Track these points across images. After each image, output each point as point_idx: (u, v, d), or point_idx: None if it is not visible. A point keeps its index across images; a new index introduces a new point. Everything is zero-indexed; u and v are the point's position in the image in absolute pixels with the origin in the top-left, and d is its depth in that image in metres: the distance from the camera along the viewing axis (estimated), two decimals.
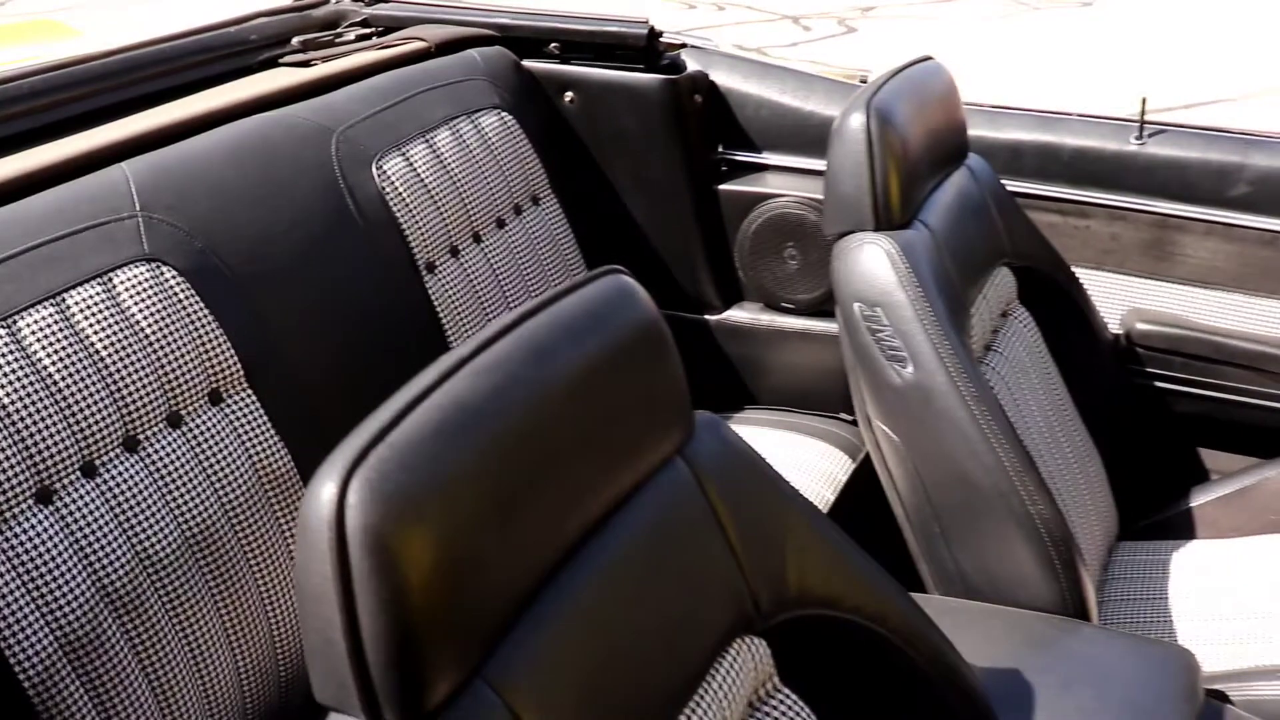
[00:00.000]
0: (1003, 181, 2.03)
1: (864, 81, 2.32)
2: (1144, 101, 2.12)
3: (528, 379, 0.87)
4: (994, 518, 1.55)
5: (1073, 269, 2.14)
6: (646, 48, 2.25)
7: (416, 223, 1.84)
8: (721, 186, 2.28)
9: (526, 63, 2.27)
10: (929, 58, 1.86)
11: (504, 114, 2.11)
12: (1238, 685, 1.63)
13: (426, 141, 1.93)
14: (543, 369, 0.88)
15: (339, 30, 2.32)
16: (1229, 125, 2.18)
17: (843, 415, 2.24)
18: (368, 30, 2.33)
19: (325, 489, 0.74)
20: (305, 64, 2.09)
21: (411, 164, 1.88)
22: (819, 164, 2.12)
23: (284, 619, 1.54)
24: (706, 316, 2.34)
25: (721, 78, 2.31)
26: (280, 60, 2.15)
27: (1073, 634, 1.53)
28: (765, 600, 1.10)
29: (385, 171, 1.84)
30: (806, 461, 2.11)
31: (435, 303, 1.85)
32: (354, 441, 0.76)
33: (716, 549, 1.06)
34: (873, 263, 1.59)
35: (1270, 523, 2.04)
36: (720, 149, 2.32)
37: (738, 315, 2.33)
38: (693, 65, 2.30)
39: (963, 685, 1.27)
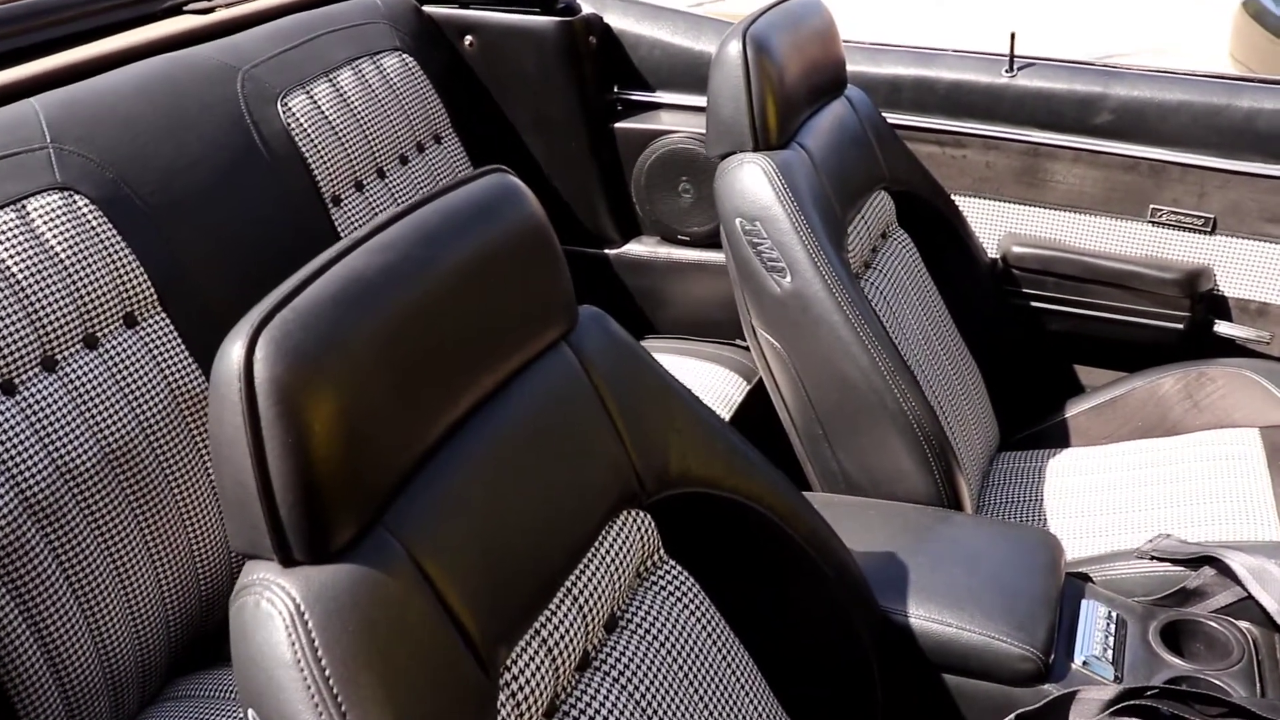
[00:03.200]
0: (883, 114, 2.14)
1: None
2: (1013, 36, 2.24)
3: (419, 258, 0.95)
4: (871, 416, 1.67)
5: (951, 196, 2.26)
6: None
7: (322, 157, 1.91)
8: (617, 125, 2.37)
9: (427, 8, 2.34)
10: None
11: (405, 56, 2.18)
12: (1098, 567, 1.76)
13: (330, 81, 1.99)
14: (433, 251, 0.97)
15: None
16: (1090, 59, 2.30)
17: (738, 342, 2.35)
18: None
19: (234, 347, 0.82)
20: (209, 9, 2.14)
21: (315, 101, 1.94)
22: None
23: (203, 534, 1.61)
24: (606, 251, 2.43)
25: (615, 20, 2.39)
26: (184, 8, 2.20)
27: (945, 521, 1.64)
28: (649, 477, 1.19)
29: (290, 108, 1.90)
30: (703, 384, 2.22)
31: (341, 234, 1.92)
32: (260, 307, 0.85)
33: (601, 427, 1.15)
34: (751, 180, 1.69)
35: (1136, 429, 2.18)
36: (615, 89, 2.40)
37: (636, 249, 2.43)
38: (587, 8, 2.38)
39: (839, 562, 1.37)
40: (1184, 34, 6.66)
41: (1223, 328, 2.29)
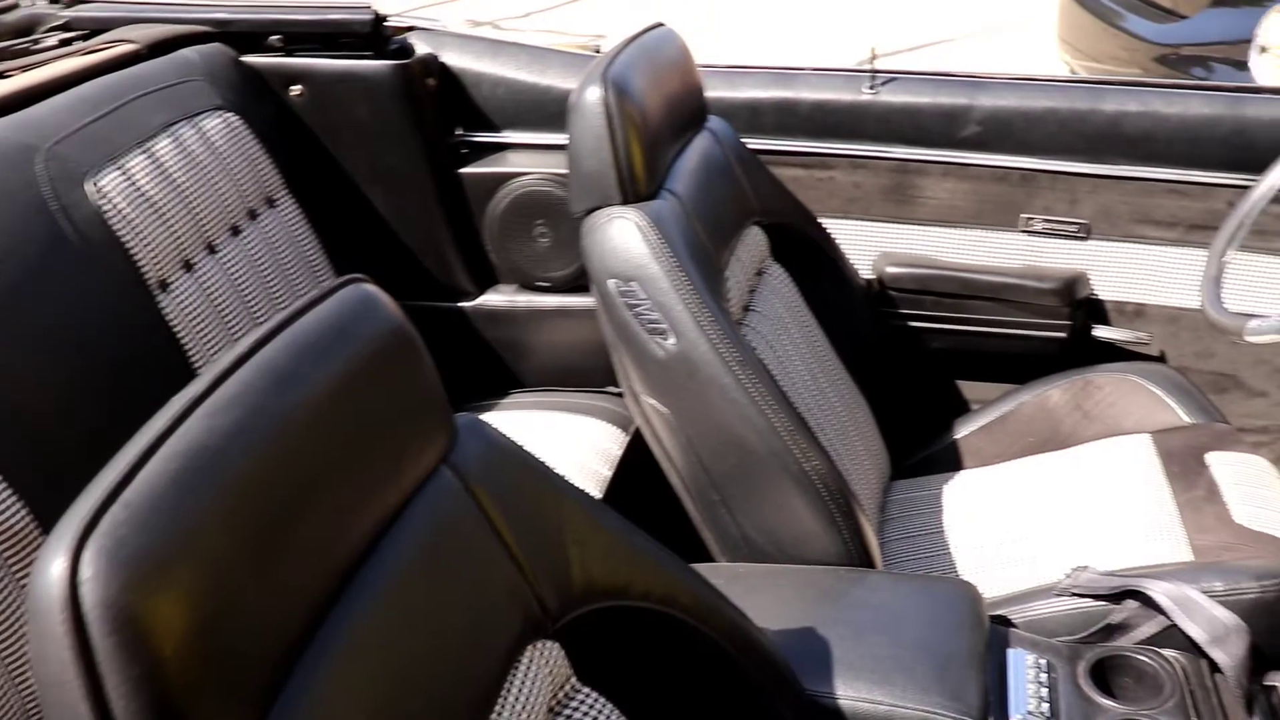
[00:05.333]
0: (744, 140, 2.04)
1: (598, 51, 2.30)
2: (874, 52, 2.17)
3: (270, 410, 0.80)
4: (771, 479, 1.56)
5: (821, 220, 2.18)
6: (372, 34, 2.17)
7: (141, 239, 1.72)
8: (464, 170, 2.22)
9: (247, 58, 2.16)
10: (660, 24, 1.84)
11: (228, 114, 2.00)
12: (1018, 608, 1.69)
13: (145, 151, 1.81)
14: (285, 396, 0.82)
15: (36, 37, 2.15)
16: (954, 69, 2.24)
17: (610, 389, 2.22)
18: (69, 35, 2.17)
19: (54, 565, 0.67)
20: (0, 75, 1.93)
21: (130, 177, 1.75)
22: (561, 138, 2.09)
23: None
24: (461, 304, 2.28)
25: (453, 58, 2.24)
26: None
27: (859, 583, 1.55)
28: (552, 601, 1.06)
29: (101, 187, 1.71)
30: (579, 439, 2.09)
31: (173, 324, 1.73)
32: (82, 506, 0.69)
33: (495, 556, 1.02)
34: (624, 237, 1.56)
35: (1029, 444, 2.13)
36: (459, 131, 2.26)
37: (493, 299, 2.29)
38: (422, 48, 2.23)
39: (760, 653, 1.27)
40: (1013, 17, 6.75)
41: (1103, 332, 2.26)
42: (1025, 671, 1.51)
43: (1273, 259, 2.13)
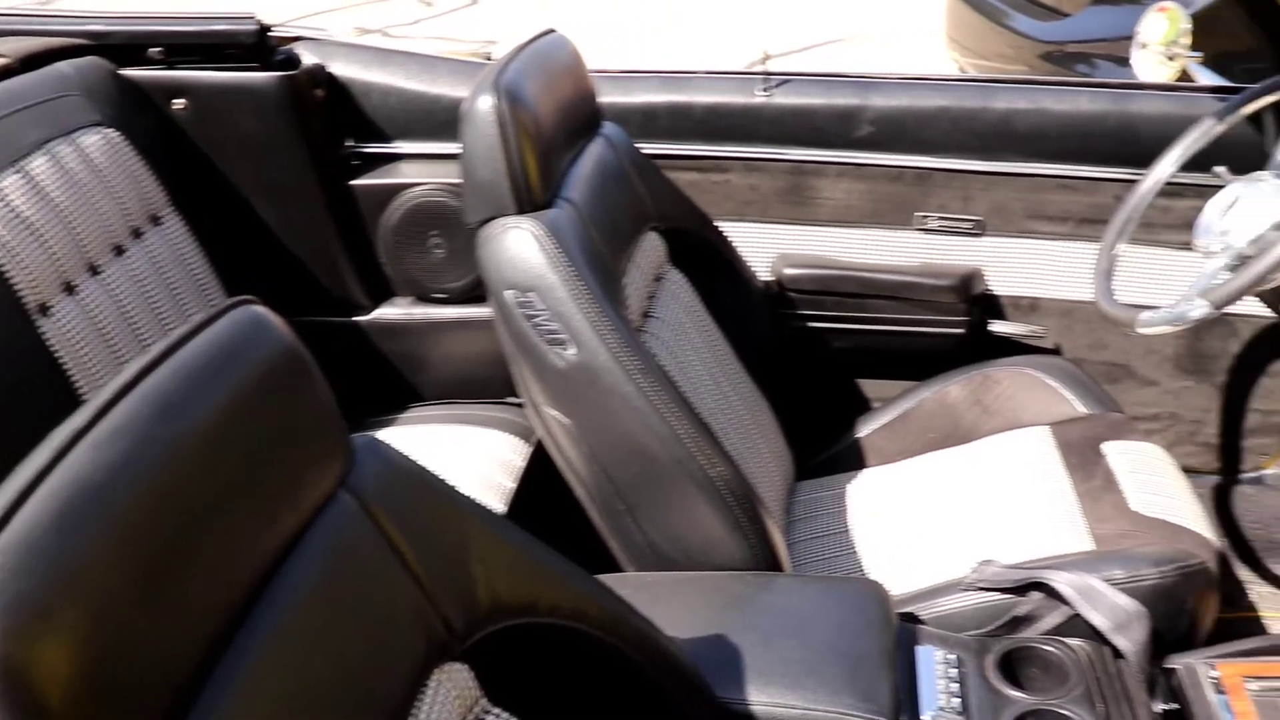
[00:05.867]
0: (639, 145, 2.03)
1: (489, 59, 2.27)
2: (766, 54, 2.17)
3: (158, 439, 0.77)
4: (675, 487, 1.55)
5: (718, 223, 2.18)
6: (257, 44, 2.12)
7: (18, 262, 1.66)
8: (355, 182, 2.18)
9: (126, 71, 2.09)
10: (552, 30, 1.82)
11: (107, 130, 1.93)
12: (925, 605, 1.70)
13: (19, 171, 1.74)
14: (174, 425, 0.79)
15: None
16: (846, 70, 2.25)
17: (511, 399, 2.20)
18: None
19: None
20: None
21: (4, 198, 1.69)
22: (454, 148, 2.06)
23: None
24: (356, 318, 2.24)
25: (341, 68, 2.20)
26: None
27: (767, 588, 1.55)
28: (458, 622, 1.04)
29: None
30: (481, 452, 2.06)
31: (54, 349, 1.67)
32: None
33: (396, 579, 0.99)
34: (520, 247, 1.54)
35: (930, 440, 2.14)
36: (349, 143, 2.21)
37: (389, 312, 2.25)
38: (309, 58, 2.18)
39: (670, 662, 1.26)
40: (902, 17, 6.84)
41: (999, 327, 2.29)
42: (934, 668, 1.52)
43: (1160, 251, 2.17)
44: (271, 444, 0.88)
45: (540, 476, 1.94)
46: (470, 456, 2.04)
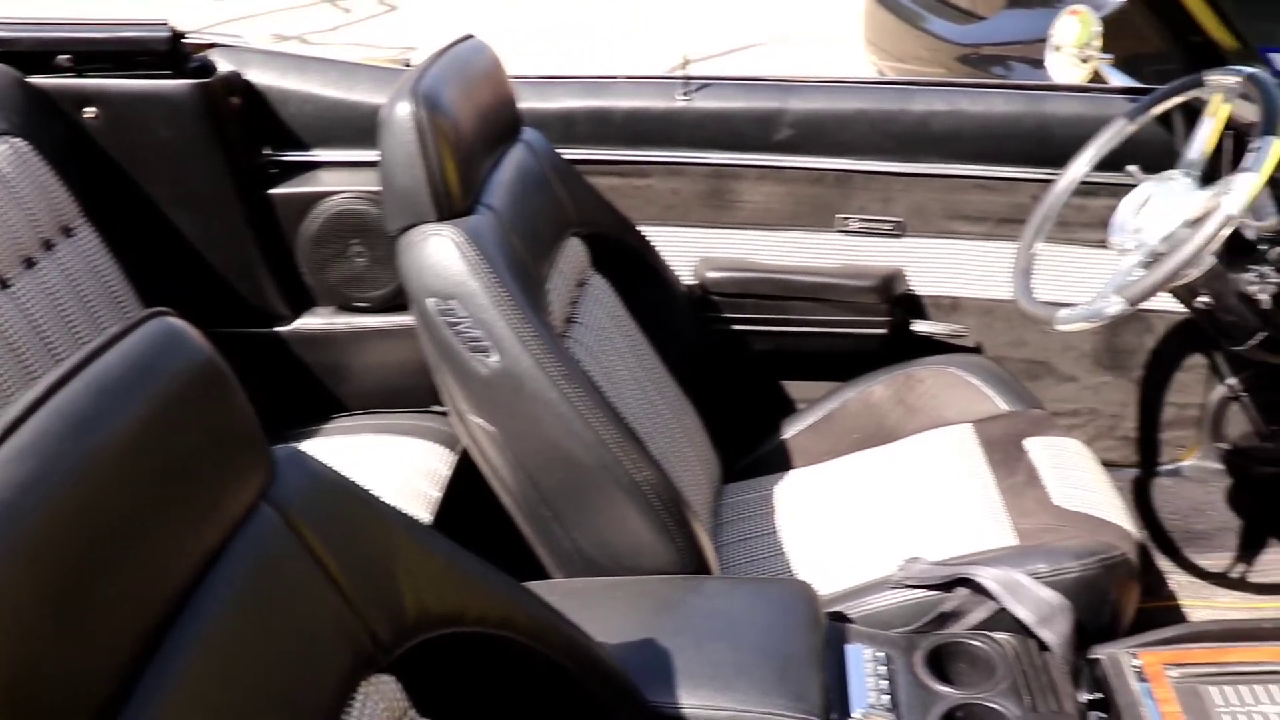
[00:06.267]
0: (559, 151, 2.02)
1: (408, 65, 2.25)
2: (685, 60, 2.18)
3: (70, 457, 0.75)
4: (601, 492, 1.54)
5: (640, 228, 2.18)
6: (170, 52, 2.09)
7: None
8: (273, 190, 2.15)
9: (34, 79, 2.05)
10: (470, 36, 1.81)
11: (14, 139, 1.89)
12: (854, 603, 1.71)
13: None
14: (86, 441, 0.77)
15: None
16: (765, 74, 2.27)
17: (435, 408, 2.18)
18: None
19: None
20: None
21: None
22: (374, 155, 2.04)
23: None
24: (277, 328, 2.21)
25: (258, 76, 2.17)
26: None
27: (696, 591, 1.55)
28: (384, 633, 1.02)
29: None
30: (406, 461, 2.05)
31: None
32: None
33: (321, 591, 0.98)
34: (441, 255, 1.52)
35: (855, 441, 2.16)
36: (267, 151, 2.18)
37: (311, 322, 2.22)
38: (225, 65, 2.15)
39: (600, 668, 1.25)
40: (821, 21, 6.90)
41: (921, 326, 2.32)
42: (864, 665, 1.53)
43: (1077, 249, 2.21)
44: (188, 458, 0.86)
45: (466, 485, 1.93)
46: (395, 466, 2.03)
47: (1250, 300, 1.74)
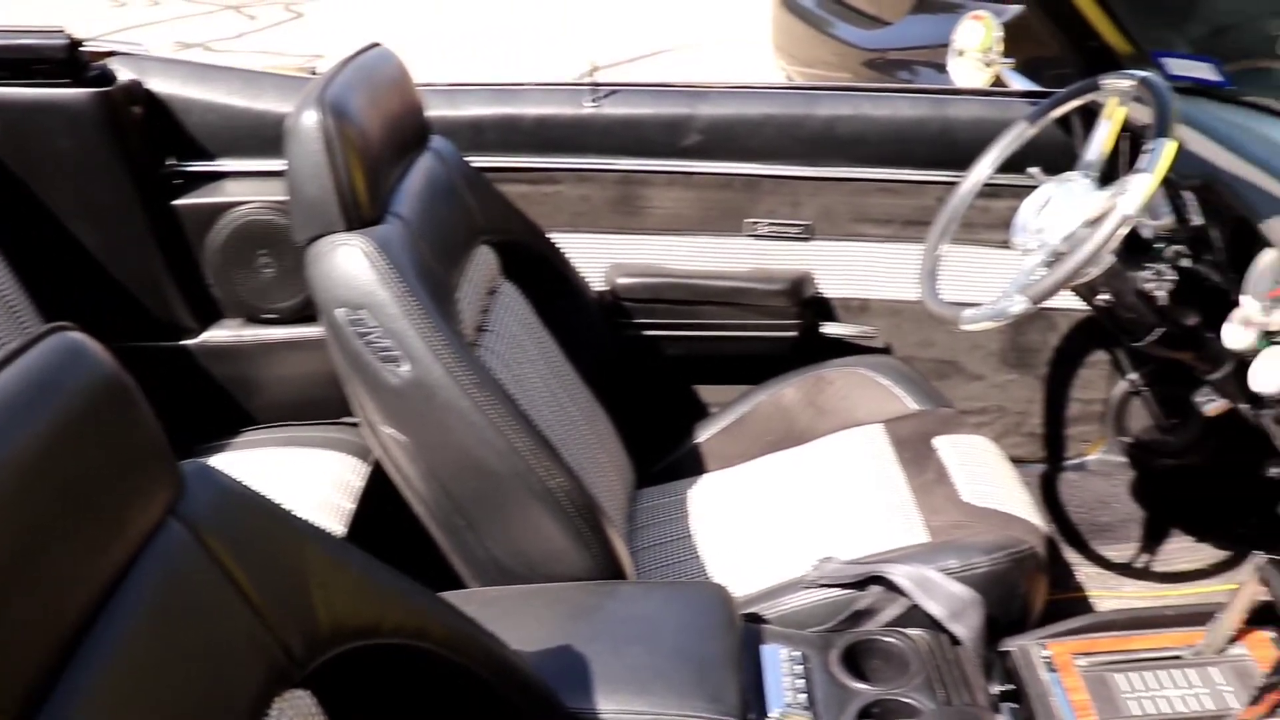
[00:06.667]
0: (468, 159, 2.02)
1: (314, 73, 2.23)
2: (593, 66, 2.18)
3: None
4: (515, 500, 1.54)
5: (550, 235, 2.18)
6: (67, 60, 2.04)
7: None
8: (178, 201, 2.12)
9: None
10: (377, 44, 1.80)
11: None
12: (769, 604, 1.73)
13: None
14: None
15: None
16: (674, 80, 2.28)
17: (347, 419, 2.16)
18: None
19: None
20: None
21: None
22: (281, 165, 2.02)
23: None
24: (184, 342, 2.17)
25: (160, 84, 2.13)
26: None
27: (612, 596, 1.55)
28: (298, 648, 1.01)
29: None
30: (318, 474, 2.03)
31: None
32: None
33: (232, 607, 0.97)
34: (350, 265, 1.51)
35: (768, 443, 2.18)
36: (171, 161, 2.15)
37: (218, 335, 2.18)
38: (126, 74, 2.11)
39: (518, 676, 1.25)
40: (731, 26, 6.95)
41: (831, 329, 2.34)
42: (780, 665, 1.55)
43: (981, 250, 2.25)
44: (92, 475, 0.85)
45: (379, 496, 1.92)
46: (307, 479, 2.00)
47: (1148, 297, 1.78)
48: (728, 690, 1.39)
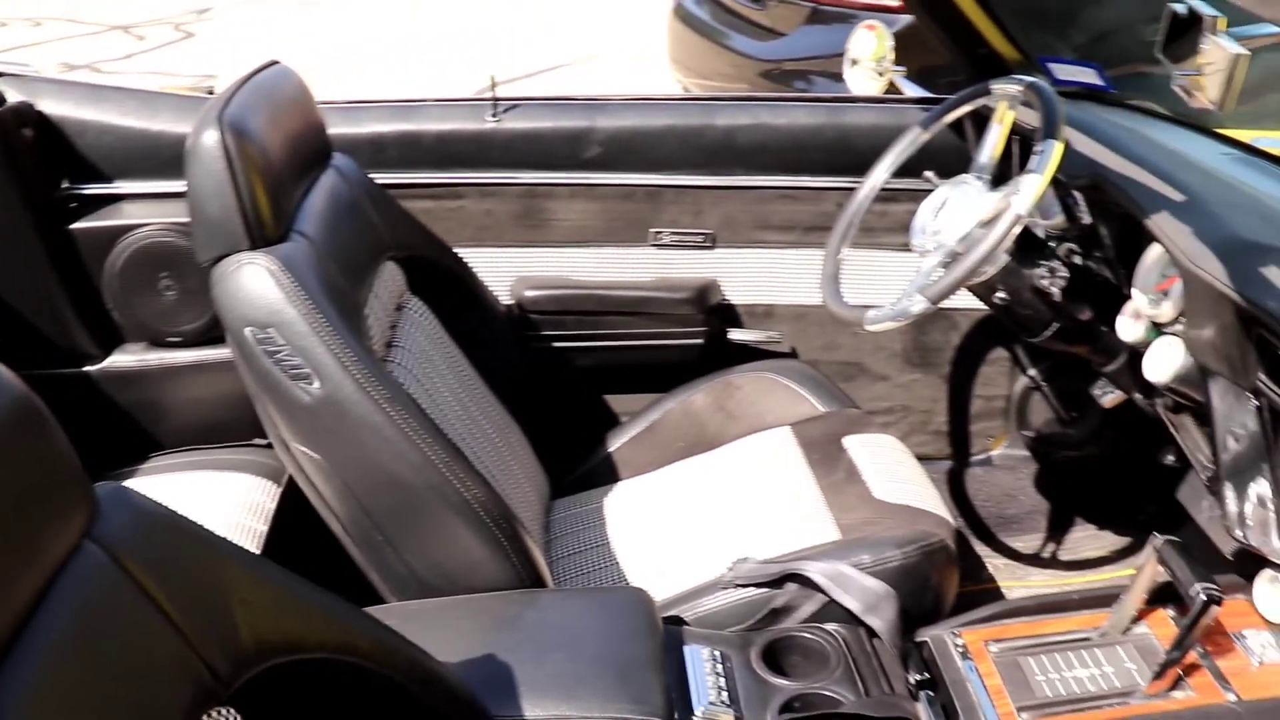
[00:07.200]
0: (371, 175, 2.01)
1: (211, 93, 2.21)
2: (494, 80, 2.19)
3: None
4: (432, 513, 1.54)
5: (456, 250, 2.18)
6: None
7: None
8: (75, 225, 2.08)
9: None
10: (276, 62, 1.79)
11: None
12: (688, 606, 1.74)
13: None
14: None
15: None
16: (573, 93, 2.29)
17: (257, 441, 2.14)
18: None
19: None
20: None
21: None
22: (180, 186, 1.99)
23: None
24: (86, 368, 2.13)
25: (51, 106, 2.09)
26: None
27: (533, 605, 1.56)
28: (222, 666, 1.01)
29: None
30: (230, 497, 2.00)
31: None
32: None
33: (154, 628, 0.96)
34: (256, 283, 1.50)
35: (679, 449, 2.20)
36: (66, 184, 2.11)
37: (121, 360, 2.15)
38: (14, 95, 2.07)
39: (443, 687, 1.25)
40: (627, 40, 6.99)
41: (737, 334, 2.37)
42: (702, 665, 1.56)
43: (880, 253, 2.30)
44: (3, 500, 0.84)
45: (292, 517, 1.90)
46: (218, 503, 1.98)
47: (1043, 294, 1.83)
48: (652, 692, 1.41)
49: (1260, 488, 1.54)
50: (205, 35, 7.69)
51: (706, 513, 1.98)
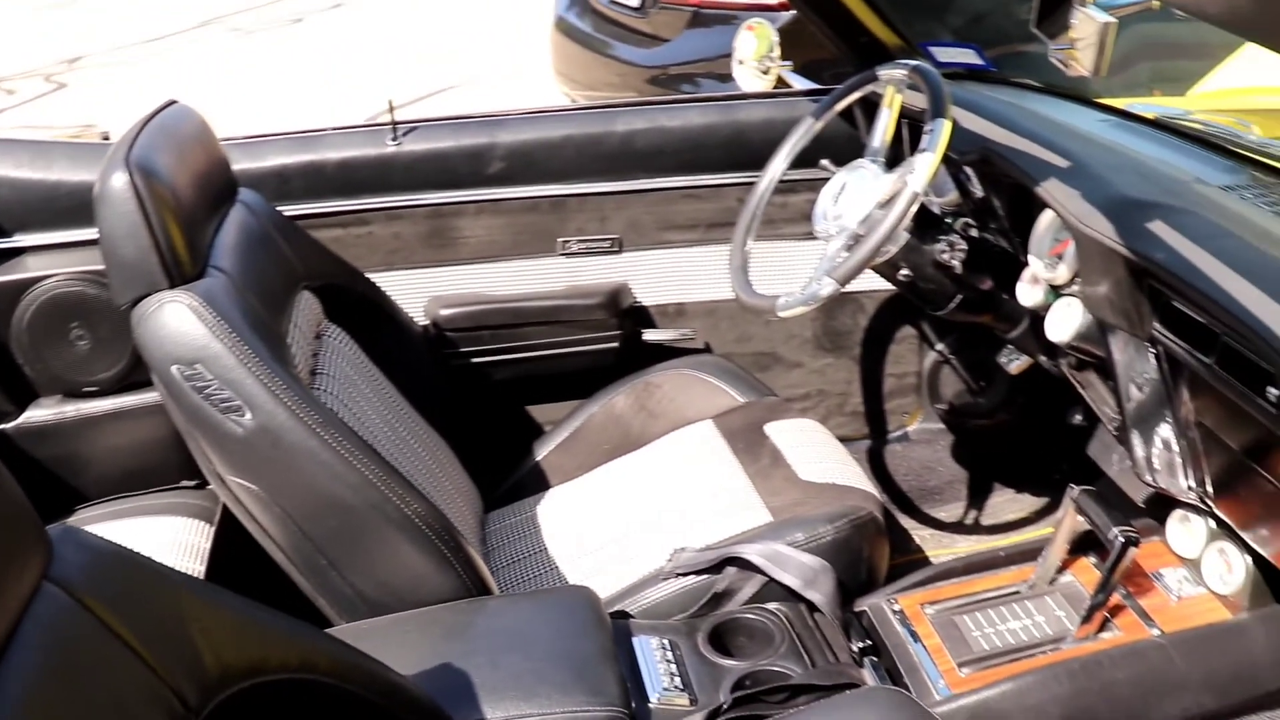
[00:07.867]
0: (278, 208, 2.02)
1: (106, 138, 2.20)
2: (391, 104, 2.20)
3: None
4: (375, 531, 1.55)
5: (369, 275, 2.19)
6: None
7: None
8: None
9: None
10: (174, 102, 1.79)
11: None
12: (633, 599, 1.78)
13: None
14: None
15: None
16: (472, 111, 2.32)
17: (184, 483, 2.13)
18: None
19: None
20: None
21: None
22: (82, 234, 1.99)
23: None
24: (1, 426, 2.10)
25: None
26: None
27: (481, 612, 1.58)
28: (191, 694, 1.02)
29: None
30: (163, 542, 1.98)
31: None
32: None
33: (122, 662, 0.97)
34: (179, 321, 1.50)
35: (606, 452, 2.23)
36: None
37: (37, 415, 2.11)
38: None
39: (407, 698, 1.27)
40: (501, 60, 7.01)
41: (652, 335, 2.41)
42: (653, 654, 1.61)
43: (785, 244, 2.36)
44: None
45: (229, 555, 1.90)
46: (152, 548, 1.96)
47: (944, 267, 1.89)
48: (608, 683, 1.44)
49: (1164, 432, 1.62)
50: (77, 85, 7.54)
51: (639, 510, 2.01)
